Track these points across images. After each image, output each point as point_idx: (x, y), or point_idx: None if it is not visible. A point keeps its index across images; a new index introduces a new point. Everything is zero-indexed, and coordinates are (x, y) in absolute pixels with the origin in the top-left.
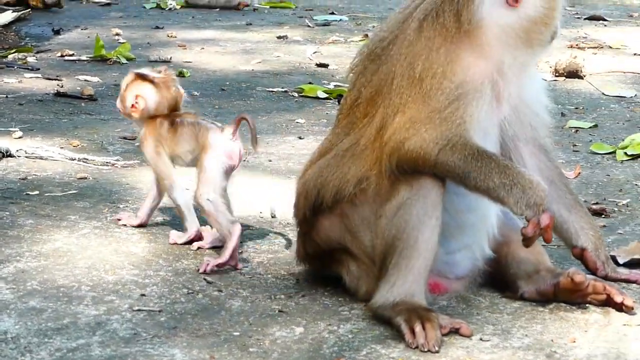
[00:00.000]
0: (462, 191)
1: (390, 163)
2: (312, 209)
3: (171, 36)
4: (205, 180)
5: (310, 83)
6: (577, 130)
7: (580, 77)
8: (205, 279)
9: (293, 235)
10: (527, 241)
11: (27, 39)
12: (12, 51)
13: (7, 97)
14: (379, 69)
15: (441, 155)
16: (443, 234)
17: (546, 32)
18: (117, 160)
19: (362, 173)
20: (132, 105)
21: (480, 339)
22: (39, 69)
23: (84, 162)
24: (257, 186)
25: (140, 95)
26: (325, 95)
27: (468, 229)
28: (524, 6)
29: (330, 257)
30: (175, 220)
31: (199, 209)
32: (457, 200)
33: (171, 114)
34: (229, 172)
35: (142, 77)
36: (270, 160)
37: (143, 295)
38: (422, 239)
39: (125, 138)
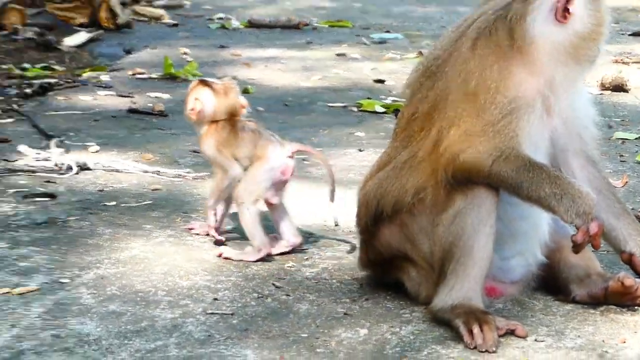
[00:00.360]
0: (515, 201)
1: (446, 174)
2: (373, 219)
3: (235, 55)
4: (249, 189)
5: (368, 98)
6: (623, 142)
7: (626, 91)
8: (274, 284)
9: (355, 242)
10: (577, 248)
11: (100, 58)
12: (87, 70)
13: (83, 113)
14: (435, 85)
15: (495, 166)
16: (497, 241)
17: (594, 48)
18: (188, 172)
19: (419, 184)
20: (191, 108)
21: (535, 340)
22: (112, 87)
23: (157, 174)
24: (320, 196)
25: (199, 99)
26: (383, 110)
27: (521, 237)
28: (573, 23)
29: (391, 264)
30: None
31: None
32: (510, 210)
33: (233, 119)
34: (280, 186)
35: (203, 83)
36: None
37: (216, 299)
38: (477, 245)
39: (195, 151)
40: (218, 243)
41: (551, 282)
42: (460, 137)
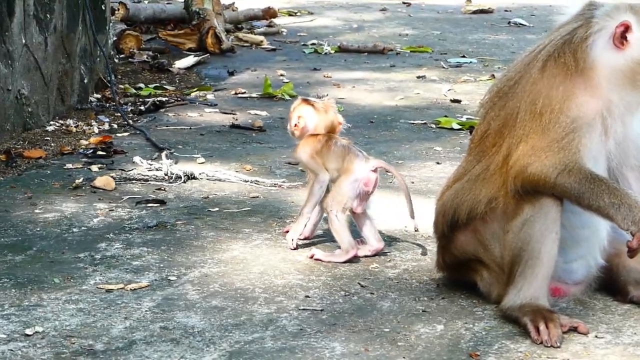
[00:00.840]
0: (577, 210)
1: (515, 185)
2: (449, 226)
3: (327, 76)
4: (337, 199)
5: (445, 116)
6: None
7: None
8: (359, 283)
9: (433, 246)
10: (632, 253)
11: (206, 79)
12: (194, 90)
13: (190, 128)
14: (506, 105)
15: (559, 178)
16: (561, 246)
17: None
18: (284, 182)
19: (491, 194)
20: (295, 125)
21: (596, 336)
22: (216, 105)
23: (255, 183)
24: (402, 204)
25: (302, 116)
26: (459, 127)
27: (583, 242)
28: (631, 49)
29: (466, 266)
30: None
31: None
32: (572, 218)
33: (329, 135)
34: (364, 197)
35: (306, 101)
36: (412, 182)
37: (307, 296)
38: (544, 250)
39: (290, 163)
40: (294, 248)
41: (610, 284)
42: (527, 152)
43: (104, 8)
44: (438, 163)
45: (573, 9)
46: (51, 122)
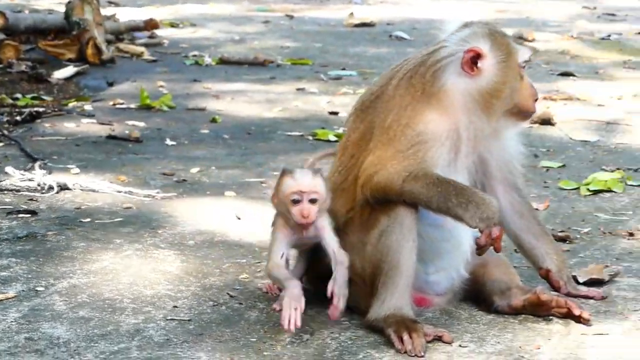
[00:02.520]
0: (436, 223)
1: (364, 194)
2: None
3: (207, 88)
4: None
5: (323, 128)
6: (547, 169)
7: (552, 124)
8: (228, 294)
9: None
10: (480, 250)
11: (85, 89)
12: (72, 100)
13: (66, 139)
14: (366, 119)
15: (406, 185)
16: (423, 259)
17: (498, 104)
18: (158, 192)
19: (349, 205)
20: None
21: (460, 345)
22: (94, 115)
23: (129, 194)
24: None
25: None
26: (335, 139)
27: (445, 255)
28: (482, 75)
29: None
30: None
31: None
32: (432, 231)
33: None
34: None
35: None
36: None
37: (175, 307)
38: (402, 260)
39: (164, 174)
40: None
41: (476, 294)
42: (374, 161)
43: None
44: None
45: (451, 27)
46: None
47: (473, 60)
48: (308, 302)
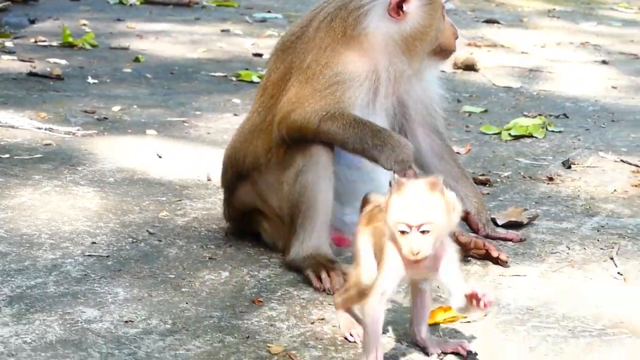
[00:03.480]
0: (354, 165)
1: (280, 132)
2: (233, 177)
3: (130, 27)
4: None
5: (246, 69)
6: (470, 114)
7: (476, 70)
8: (148, 231)
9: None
10: None
11: (6, 27)
12: None
13: None
14: (286, 59)
15: (322, 125)
16: (341, 201)
17: (421, 46)
18: (78, 130)
19: (268, 145)
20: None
21: None
22: (15, 52)
23: (49, 131)
24: (197, 154)
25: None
26: (259, 80)
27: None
28: (407, 19)
29: (249, 218)
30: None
31: None
32: (349, 173)
33: None
34: None
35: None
36: (209, 133)
37: (94, 243)
38: (320, 199)
39: (85, 112)
40: None
41: None
42: (291, 99)
43: None
44: (235, 115)
45: None
46: None
47: (399, 4)
48: (228, 240)
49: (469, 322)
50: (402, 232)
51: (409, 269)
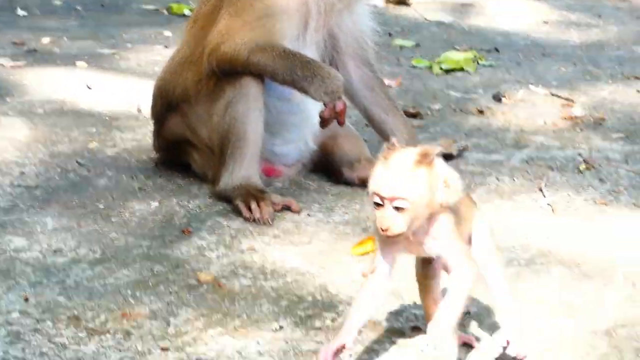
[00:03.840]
0: (284, 96)
1: (210, 64)
2: (163, 109)
3: None
4: None
5: (178, 2)
6: (401, 48)
7: (407, 5)
8: (77, 161)
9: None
10: (324, 123)
11: None
12: None
13: None
14: None
15: (252, 56)
16: (271, 132)
17: None
18: (7, 61)
19: (197, 77)
20: None
21: (308, 215)
22: None
23: None
24: (127, 86)
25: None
26: (190, 13)
27: (293, 128)
28: None
29: (179, 149)
30: None
31: None
32: (279, 104)
33: None
34: None
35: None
36: (139, 65)
37: (22, 173)
38: (250, 130)
39: (14, 43)
40: None
41: (325, 166)
42: (221, 31)
43: None
44: (166, 47)
45: None
46: None
47: None
48: (158, 171)
49: None
50: (377, 205)
51: (395, 244)
